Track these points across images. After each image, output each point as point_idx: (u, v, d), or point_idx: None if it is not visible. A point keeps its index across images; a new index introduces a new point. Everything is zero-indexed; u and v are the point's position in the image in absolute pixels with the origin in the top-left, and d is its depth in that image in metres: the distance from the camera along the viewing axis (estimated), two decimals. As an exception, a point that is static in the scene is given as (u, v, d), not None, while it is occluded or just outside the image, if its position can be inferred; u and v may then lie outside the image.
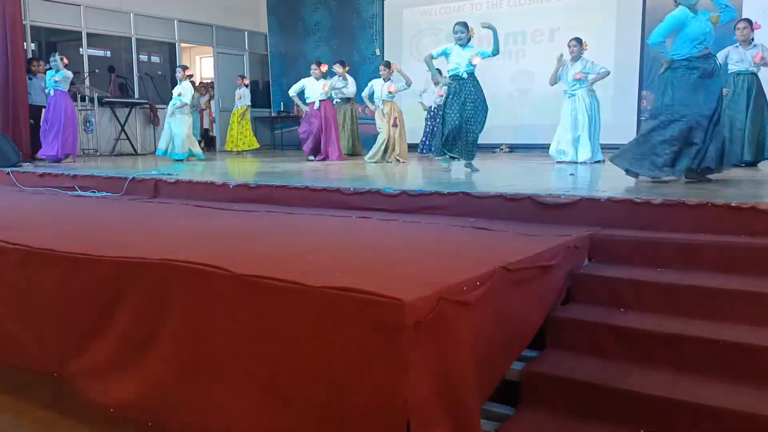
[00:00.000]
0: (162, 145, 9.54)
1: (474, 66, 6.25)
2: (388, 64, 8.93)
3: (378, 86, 8.81)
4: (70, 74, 9.33)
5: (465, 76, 6.26)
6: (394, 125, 8.62)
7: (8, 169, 7.55)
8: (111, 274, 2.75)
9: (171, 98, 9.50)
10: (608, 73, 7.60)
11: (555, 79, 7.63)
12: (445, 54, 6.34)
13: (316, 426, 2.16)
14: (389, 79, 8.75)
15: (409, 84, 8.81)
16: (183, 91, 9.31)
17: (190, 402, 2.48)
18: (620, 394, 2.57)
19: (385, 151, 8.60)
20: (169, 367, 2.55)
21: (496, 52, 6.30)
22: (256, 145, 12.12)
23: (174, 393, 2.53)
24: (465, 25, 6.36)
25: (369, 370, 2.05)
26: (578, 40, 7.46)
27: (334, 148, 9.25)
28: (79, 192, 6.22)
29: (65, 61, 9.18)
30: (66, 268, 2.92)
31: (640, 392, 2.54)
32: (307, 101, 9.26)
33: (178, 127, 9.28)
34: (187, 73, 9.52)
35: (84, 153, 11.30)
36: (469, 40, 6.35)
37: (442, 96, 9.78)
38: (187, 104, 9.34)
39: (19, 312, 3.14)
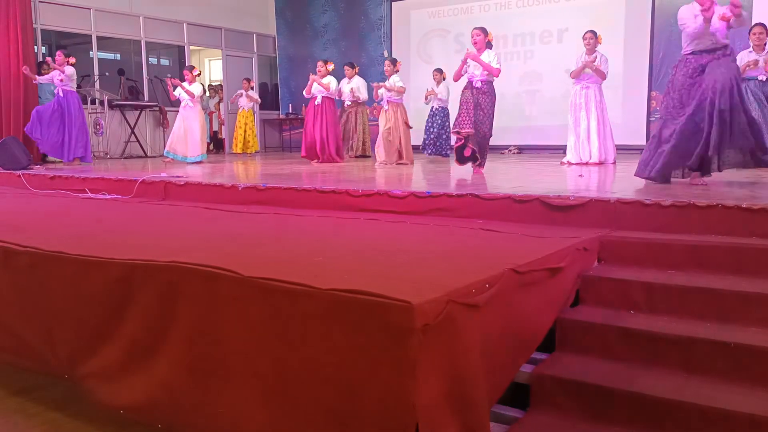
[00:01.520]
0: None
1: (488, 74, 6.10)
2: (394, 61, 8.80)
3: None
4: (72, 70, 9.16)
5: (478, 84, 6.09)
6: (408, 126, 8.64)
7: (19, 172, 7.61)
8: (121, 276, 2.76)
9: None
10: (605, 77, 7.50)
11: (579, 73, 7.50)
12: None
13: (325, 428, 2.16)
14: (395, 73, 8.63)
15: (400, 93, 8.69)
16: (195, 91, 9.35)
17: (199, 404, 2.48)
18: (630, 397, 2.56)
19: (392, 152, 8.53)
20: (178, 369, 2.56)
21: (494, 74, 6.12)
22: (257, 148, 12.17)
23: (183, 395, 2.54)
24: (483, 30, 6.20)
25: (377, 372, 2.05)
26: (594, 33, 7.37)
27: (340, 149, 9.19)
28: (90, 194, 6.25)
29: (72, 60, 9.11)
30: (76, 271, 2.93)
31: (649, 395, 2.52)
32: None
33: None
34: (195, 72, 9.50)
35: (94, 155, 11.36)
36: (488, 45, 6.19)
37: (437, 96, 9.76)
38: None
39: (30, 314, 3.16)
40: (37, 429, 2.93)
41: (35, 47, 10.52)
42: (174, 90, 9.45)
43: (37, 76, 9.35)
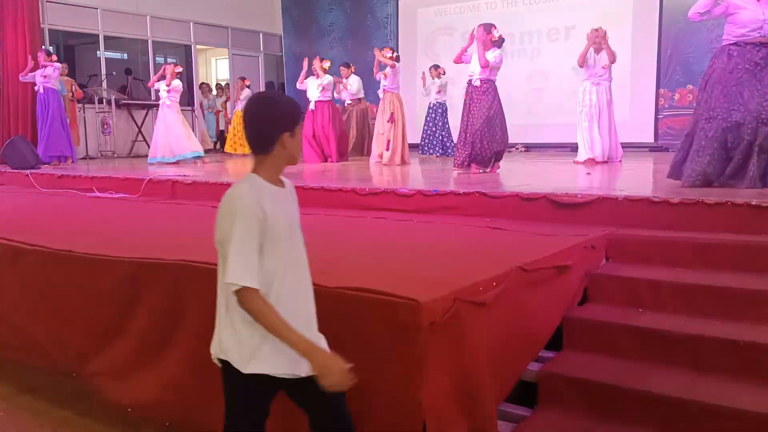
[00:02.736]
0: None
1: (490, 72, 5.95)
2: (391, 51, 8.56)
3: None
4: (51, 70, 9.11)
5: (477, 83, 6.01)
6: (390, 120, 8.09)
7: (27, 171, 7.64)
8: (128, 274, 2.77)
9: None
10: (614, 58, 7.22)
11: (584, 60, 7.21)
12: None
13: (332, 426, 2.16)
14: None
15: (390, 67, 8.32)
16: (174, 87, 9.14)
17: (206, 402, 2.48)
18: (638, 395, 2.55)
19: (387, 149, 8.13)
20: (186, 367, 2.56)
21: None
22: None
23: (190, 393, 2.54)
24: (485, 27, 6.06)
25: (385, 370, 2.05)
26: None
27: (332, 152, 8.92)
28: (97, 193, 6.27)
29: (54, 58, 9.10)
30: (84, 269, 2.94)
31: (658, 393, 2.51)
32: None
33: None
34: (177, 69, 9.43)
35: (101, 154, 11.41)
36: (495, 44, 5.99)
37: (440, 93, 9.66)
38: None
39: (38, 313, 3.17)
40: (46, 427, 2.94)
41: (43, 47, 10.55)
42: (156, 82, 9.30)
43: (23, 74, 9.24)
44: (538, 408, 2.72)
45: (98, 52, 11.74)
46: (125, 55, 13.14)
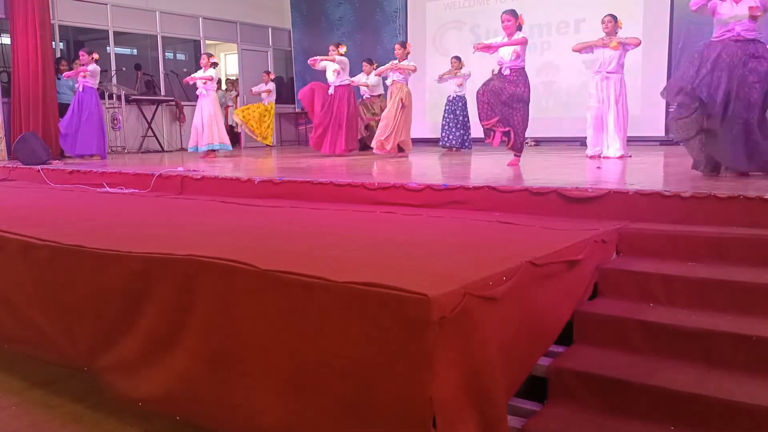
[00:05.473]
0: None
1: (518, 58, 5.86)
2: (403, 44, 8.54)
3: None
4: (96, 67, 9.43)
5: (507, 71, 5.91)
6: (402, 106, 8.17)
7: (38, 167, 7.69)
8: (138, 269, 2.77)
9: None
10: (638, 42, 7.09)
11: (582, 47, 7.16)
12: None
13: (341, 421, 2.16)
14: (406, 56, 8.37)
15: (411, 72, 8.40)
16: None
17: (216, 396, 2.49)
18: (649, 390, 2.53)
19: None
20: (195, 361, 2.57)
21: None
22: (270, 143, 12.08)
23: (200, 387, 2.55)
24: (512, 12, 6.01)
25: (394, 365, 2.04)
26: (613, 17, 7.05)
27: (341, 140, 8.82)
28: (108, 189, 6.30)
29: (95, 56, 9.33)
30: (94, 264, 2.95)
31: (669, 388, 2.49)
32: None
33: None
34: (212, 60, 9.51)
35: (112, 150, 11.45)
36: (519, 28, 5.93)
37: (461, 86, 9.66)
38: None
39: (50, 308, 3.19)
40: (57, 421, 2.96)
41: (53, 43, 10.60)
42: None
43: (66, 72, 9.47)
44: (548, 403, 2.71)
45: (108, 47, 11.78)
46: (135, 51, 13.18)
